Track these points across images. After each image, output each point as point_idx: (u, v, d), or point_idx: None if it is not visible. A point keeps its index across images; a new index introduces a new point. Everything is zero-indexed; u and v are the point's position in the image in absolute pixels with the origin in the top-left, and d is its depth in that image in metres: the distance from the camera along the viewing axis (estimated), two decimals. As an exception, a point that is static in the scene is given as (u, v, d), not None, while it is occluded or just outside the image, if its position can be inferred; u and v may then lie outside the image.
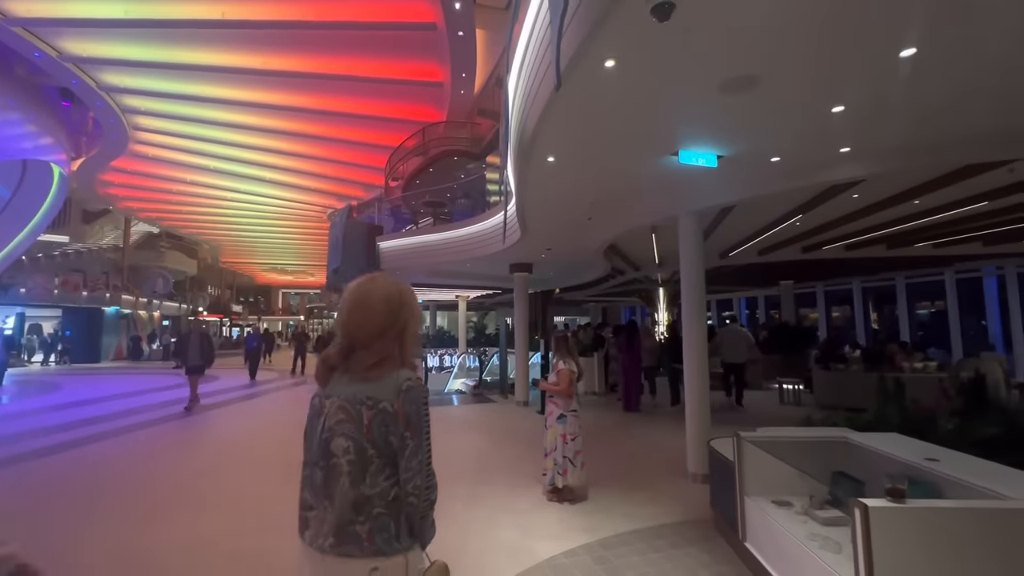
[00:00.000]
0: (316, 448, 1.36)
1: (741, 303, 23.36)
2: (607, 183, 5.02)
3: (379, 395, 1.33)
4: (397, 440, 1.31)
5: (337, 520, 1.28)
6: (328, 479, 1.31)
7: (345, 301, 1.42)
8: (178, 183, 20.37)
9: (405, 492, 1.30)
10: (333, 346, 1.42)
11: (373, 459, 1.29)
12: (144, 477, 5.31)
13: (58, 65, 11.11)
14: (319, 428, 1.36)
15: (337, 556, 1.27)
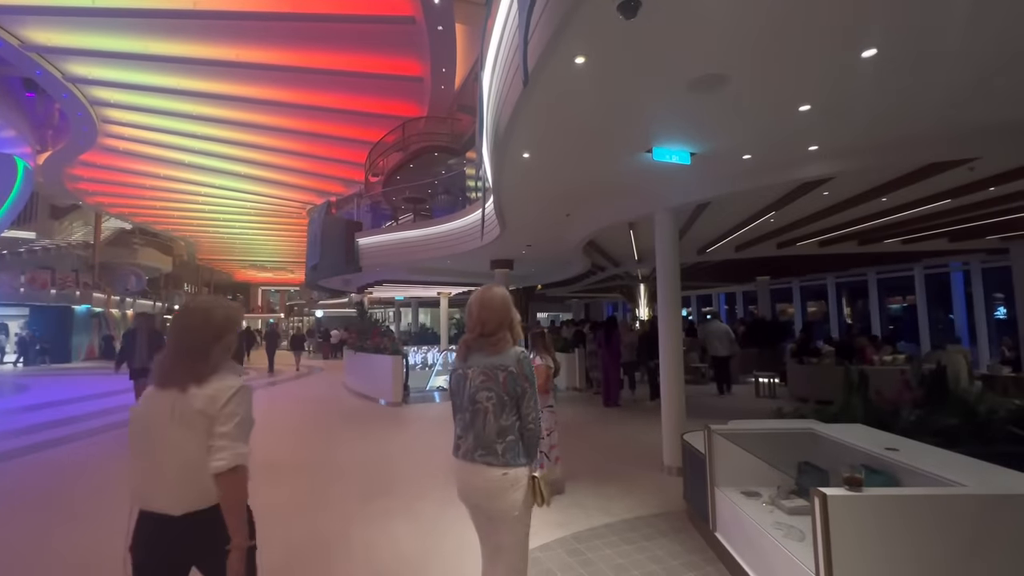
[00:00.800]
0: (465, 399, 2.07)
1: (720, 298, 23.73)
2: (583, 179, 5.04)
3: (506, 363, 2.02)
4: (520, 390, 2.01)
5: (484, 442, 2.00)
6: (474, 418, 2.03)
7: (474, 304, 2.11)
8: (151, 178, 19.83)
9: (527, 422, 2.03)
10: (468, 333, 2.11)
11: (506, 403, 2.00)
12: (121, 480, 5.18)
13: (20, 54, 10.69)
14: (466, 387, 2.06)
15: (483, 464, 1.99)
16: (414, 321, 21.27)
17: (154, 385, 1.69)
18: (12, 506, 4.38)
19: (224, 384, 1.65)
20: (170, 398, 1.62)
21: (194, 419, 1.59)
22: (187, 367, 1.66)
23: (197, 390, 1.62)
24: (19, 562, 3.31)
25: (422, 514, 4.12)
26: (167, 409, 1.61)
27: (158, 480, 1.61)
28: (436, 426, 7.90)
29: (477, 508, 2.09)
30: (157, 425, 1.62)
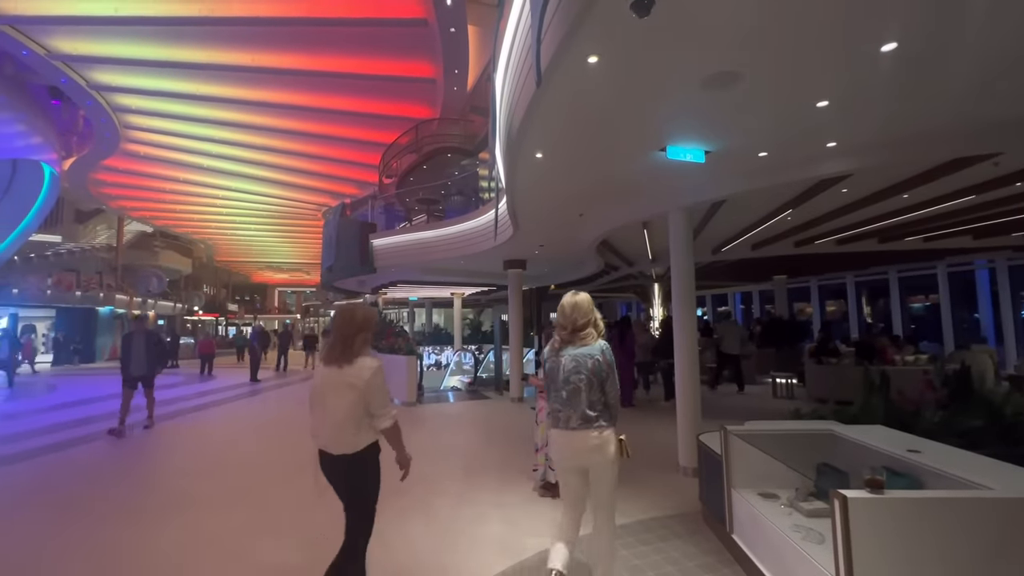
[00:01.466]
0: (560, 380, 2.64)
1: (736, 298, 23.44)
2: (597, 179, 5.03)
3: (592, 353, 2.61)
4: (604, 374, 2.60)
5: (580, 413, 2.58)
6: (570, 395, 2.60)
7: (567, 306, 2.69)
8: (171, 182, 20.25)
9: (609, 397, 2.62)
10: (561, 331, 2.70)
11: (594, 383, 2.59)
12: (142, 476, 5.31)
13: (46, 63, 11.01)
14: (560, 371, 2.64)
15: (580, 430, 2.57)
16: (428, 321, 21.39)
17: (323, 362, 2.45)
18: (41, 502, 4.51)
19: (364, 364, 2.37)
20: (332, 372, 2.37)
21: (345, 389, 2.33)
22: (340, 352, 2.37)
23: (348, 368, 2.34)
24: (46, 558, 3.41)
25: (439, 512, 4.15)
26: (330, 380, 2.38)
27: (322, 429, 2.42)
28: (450, 425, 7.93)
29: (577, 466, 2.65)
30: (323, 391, 2.39)
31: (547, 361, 2.74)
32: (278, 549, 3.48)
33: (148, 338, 7.28)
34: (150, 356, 7.25)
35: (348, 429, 2.34)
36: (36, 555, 3.41)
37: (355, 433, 2.36)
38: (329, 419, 2.37)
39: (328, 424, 2.38)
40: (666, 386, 9.08)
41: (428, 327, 20.32)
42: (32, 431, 7.54)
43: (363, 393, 2.32)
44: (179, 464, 5.82)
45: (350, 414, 2.33)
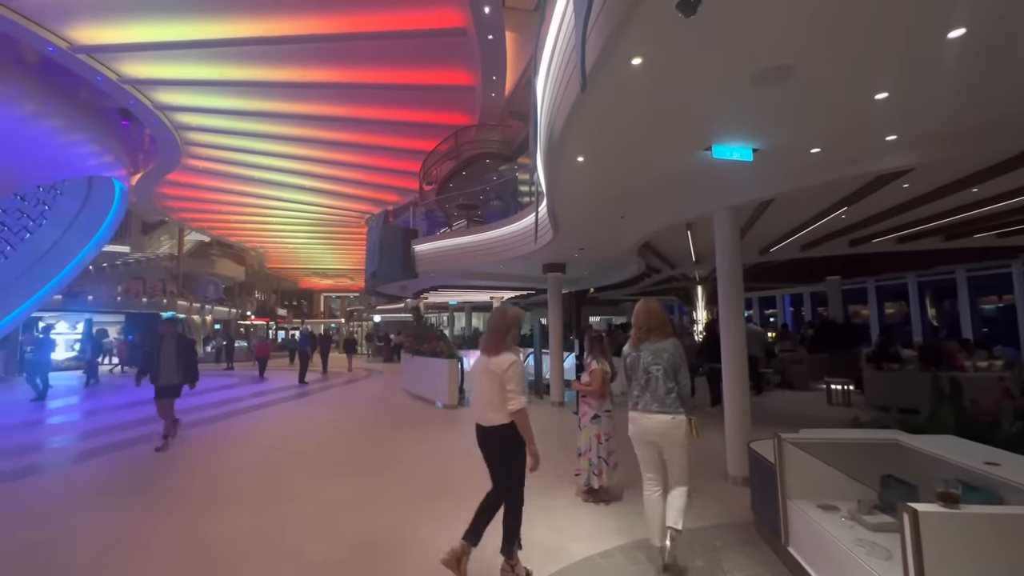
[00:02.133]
0: (640, 371, 3.18)
1: (784, 300, 22.48)
2: (639, 181, 4.96)
3: (667, 348, 3.14)
4: (677, 365, 3.11)
5: (657, 398, 3.09)
6: (648, 383, 3.12)
7: (642, 311, 3.28)
8: (226, 194, 21.41)
9: (682, 385, 3.09)
10: (636, 330, 3.28)
11: (670, 374, 3.09)
12: (202, 472, 5.62)
13: (117, 87, 11.90)
14: (639, 363, 3.18)
15: (658, 413, 3.08)
16: (467, 325, 21.63)
17: (480, 352, 3.03)
18: (114, 492, 4.86)
19: (507, 357, 2.90)
20: (484, 361, 2.96)
21: (492, 376, 2.89)
22: (493, 344, 2.95)
23: (494, 358, 2.91)
24: (129, 545, 3.67)
25: (481, 515, 4.18)
26: (481, 367, 2.99)
27: (476, 406, 3.03)
28: (491, 429, 7.99)
29: (652, 444, 3.17)
30: (478, 375, 3.02)
31: (627, 356, 3.29)
32: (327, 545, 3.61)
33: (180, 344, 6.42)
34: (181, 363, 6.37)
35: (491, 407, 2.90)
36: (113, 540, 3.67)
37: (497, 411, 2.88)
38: (479, 399, 2.98)
39: (478, 402, 3.00)
40: (712, 391, 8.80)
41: (468, 331, 20.54)
42: (110, 427, 8.13)
43: (502, 379, 2.84)
44: (236, 461, 6.13)
45: (492, 395, 2.88)
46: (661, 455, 3.16)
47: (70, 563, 3.37)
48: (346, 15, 9.76)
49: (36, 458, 6.43)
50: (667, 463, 3.15)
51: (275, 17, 9.77)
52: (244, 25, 9.93)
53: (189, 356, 6.51)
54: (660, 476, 3.22)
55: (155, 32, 10.10)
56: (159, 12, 9.51)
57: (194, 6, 9.40)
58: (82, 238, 16.46)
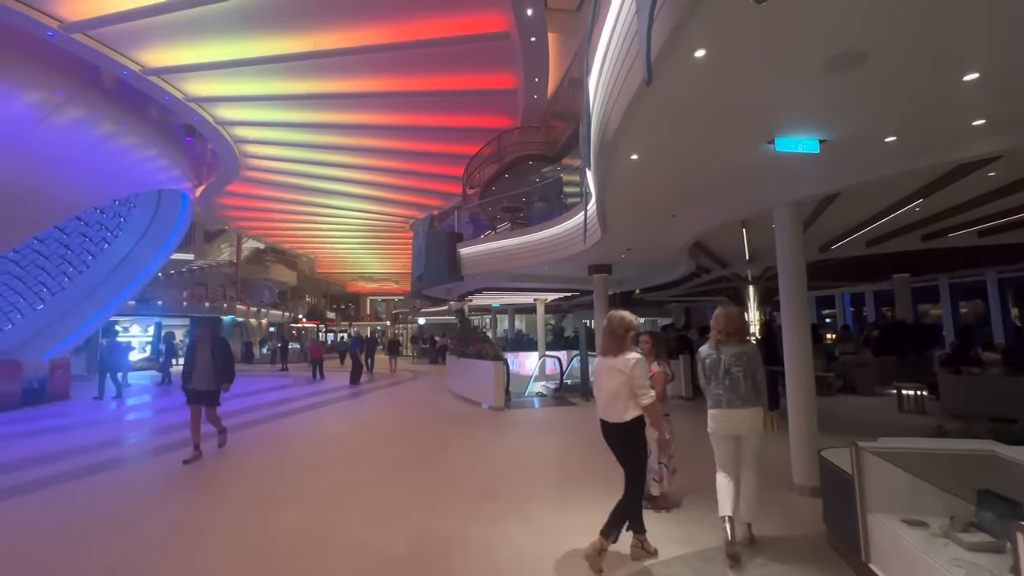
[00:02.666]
0: (722, 371, 3.45)
1: (844, 299, 21.27)
2: (694, 178, 4.80)
3: (747, 350, 3.47)
4: (755, 365, 3.45)
5: (740, 395, 3.40)
6: (732, 382, 3.42)
7: (721, 316, 3.61)
8: (280, 202, 22.43)
9: (759, 384, 3.45)
10: (715, 334, 3.59)
11: (749, 373, 3.41)
12: (268, 468, 5.88)
13: (183, 105, 12.70)
14: (720, 365, 3.46)
15: (739, 409, 3.40)
16: (510, 327, 21.67)
17: (600, 354, 3.35)
18: (185, 488, 5.15)
19: (630, 356, 3.18)
20: (607, 361, 3.23)
21: (615, 374, 3.17)
22: (614, 346, 3.23)
23: (618, 358, 3.18)
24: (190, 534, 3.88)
25: (535, 516, 4.16)
26: (605, 367, 3.24)
27: (601, 402, 3.26)
28: (540, 431, 7.95)
29: (734, 438, 3.47)
30: (601, 374, 3.26)
31: (707, 357, 3.57)
32: (388, 542, 3.67)
33: (215, 347, 6.09)
34: (218, 368, 6.03)
35: (618, 404, 3.15)
36: (185, 532, 3.89)
37: (623, 407, 3.13)
38: (604, 396, 3.21)
39: (603, 400, 3.23)
40: (769, 395, 8.40)
41: (511, 333, 20.57)
42: (182, 423, 8.66)
43: (628, 377, 3.10)
44: (297, 458, 6.37)
45: (618, 392, 3.13)
46: (739, 449, 3.48)
47: (144, 552, 3.59)
48: (393, 25, 10.01)
49: (111, 453, 6.92)
50: (743, 452, 3.48)
51: (326, 31, 10.15)
52: (297, 41, 10.37)
53: (226, 358, 6.19)
54: (735, 473, 3.51)
55: (217, 51, 10.71)
56: (221, 32, 10.07)
57: (252, 25, 9.89)
58: (153, 247, 17.64)
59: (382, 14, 9.78)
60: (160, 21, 9.34)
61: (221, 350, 6.16)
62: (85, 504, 4.65)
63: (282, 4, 9.14)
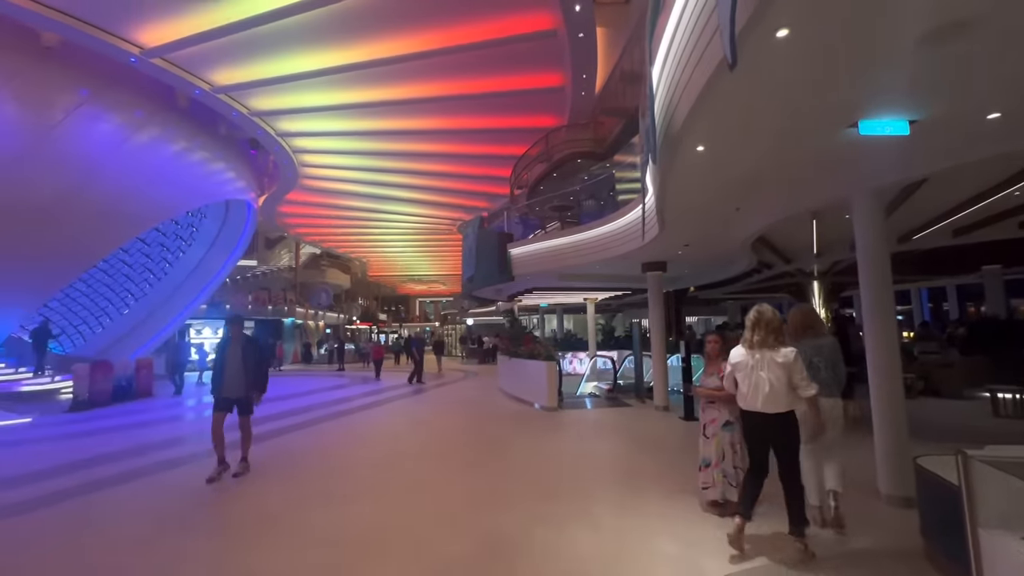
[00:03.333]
0: (803, 362, 3.37)
1: (922, 295, 19.71)
2: (763, 168, 4.55)
3: (827, 344, 3.88)
4: (835, 358, 3.83)
5: (825, 385, 3.65)
6: (813, 374, 3.47)
7: (798, 314, 4.08)
8: (334, 209, 23.38)
9: (839, 374, 3.81)
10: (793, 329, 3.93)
11: (829, 364, 3.80)
12: (334, 465, 6.10)
13: (248, 120, 13.47)
14: (803, 355, 3.42)
15: (824, 398, 3.56)
16: (559, 327, 21.54)
17: (753, 348, 3.37)
18: (257, 481, 5.42)
19: (787, 350, 3.30)
20: (763, 354, 3.31)
21: (776, 367, 3.26)
22: (769, 339, 3.33)
23: (777, 352, 3.29)
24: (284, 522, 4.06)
25: (600, 519, 4.08)
26: (762, 361, 3.31)
27: (756, 395, 3.31)
28: (595, 432, 7.82)
29: None
30: (753, 367, 3.33)
31: None
32: (454, 541, 3.70)
33: (247, 348, 5.37)
34: (248, 373, 5.30)
35: (779, 395, 3.24)
36: (259, 522, 4.08)
37: (784, 398, 3.24)
38: (764, 388, 3.26)
39: (761, 392, 3.27)
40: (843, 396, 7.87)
41: (560, 333, 20.44)
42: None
43: (788, 370, 3.23)
44: (360, 455, 6.58)
45: (780, 384, 3.23)
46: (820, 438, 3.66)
47: (221, 542, 3.79)
48: (441, 31, 10.17)
49: (191, 448, 7.39)
50: (823, 440, 3.67)
51: (378, 41, 10.46)
52: (352, 52, 10.75)
53: (257, 362, 5.42)
54: (815, 460, 3.76)
55: (278, 67, 11.28)
56: (281, 48, 10.59)
57: (310, 40, 10.33)
58: (222, 255, 18.87)
59: (430, 21, 9.96)
60: (227, 42, 9.93)
61: (253, 353, 5.37)
62: (171, 494, 4.98)
63: (337, 18, 9.48)
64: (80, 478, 5.49)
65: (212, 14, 9.33)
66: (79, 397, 10.93)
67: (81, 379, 11.07)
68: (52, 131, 10.66)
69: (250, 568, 3.33)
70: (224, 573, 3.29)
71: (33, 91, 10.27)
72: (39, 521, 4.28)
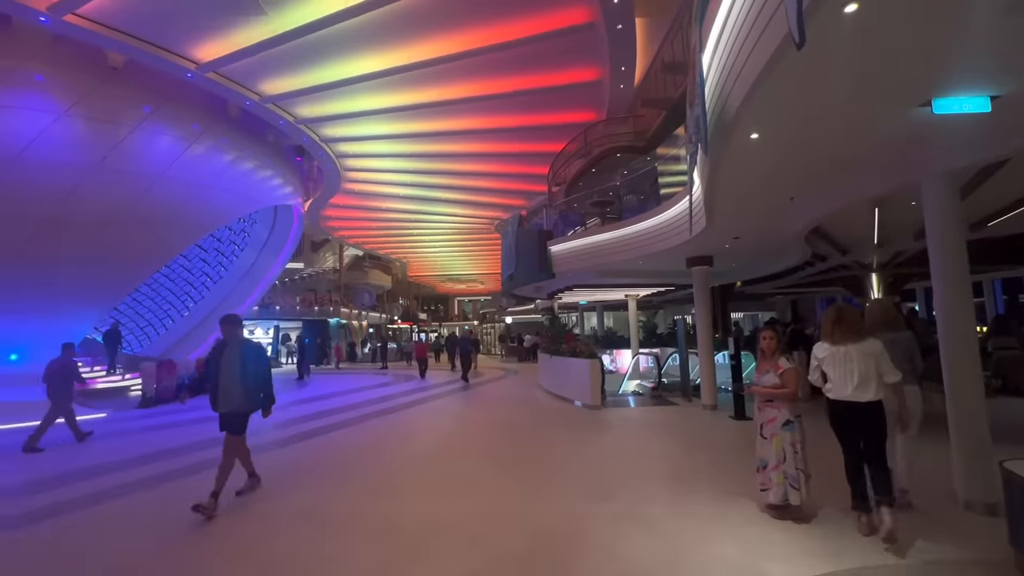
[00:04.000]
0: None
1: (995, 286, 18.23)
2: (822, 155, 4.32)
3: (905, 337, 4.09)
4: (912, 349, 4.08)
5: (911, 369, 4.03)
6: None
7: (878, 309, 4.40)
8: (376, 211, 23.96)
9: (916, 365, 4.07)
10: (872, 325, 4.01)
11: (907, 356, 3.99)
12: (386, 462, 6.26)
13: (294, 127, 13.99)
14: None
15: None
16: (599, 324, 21.28)
17: (838, 342, 3.59)
18: (316, 475, 5.61)
19: (873, 342, 3.55)
20: (852, 347, 3.53)
21: (865, 358, 3.49)
22: (855, 333, 3.56)
23: (864, 343, 3.52)
24: (332, 518, 4.19)
25: (654, 520, 3.98)
26: (852, 352, 3.53)
27: (846, 385, 3.52)
28: (641, 431, 7.66)
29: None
30: (844, 360, 3.54)
31: None
32: (507, 537, 3.70)
33: (247, 353, 4.43)
34: (248, 382, 4.39)
35: (870, 384, 3.46)
36: (321, 515, 4.22)
37: (874, 387, 3.46)
38: (855, 378, 3.48)
39: (851, 382, 3.49)
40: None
41: (600, 330, 20.19)
42: (319, 412, 9.53)
43: (876, 360, 3.47)
44: (411, 451, 6.71)
45: (870, 374, 3.46)
46: None
47: (287, 526, 3.94)
48: (478, 30, 10.22)
49: (252, 441, 7.73)
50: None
51: (418, 44, 10.62)
52: (391, 56, 10.96)
53: (257, 370, 4.43)
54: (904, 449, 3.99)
55: (321, 75, 11.64)
56: (325, 57, 10.92)
57: (352, 47, 10.60)
58: (271, 258, 19.69)
59: (467, 21, 10.01)
60: (275, 52, 10.32)
61: (252, 359, 4.42)
62: (232, 487, 5.23)
63: (377, 24, 9.68)
64: (154, 469, 5.87)
65: (261, 27, 9.73)
66: (147, 394, 11.67)
67: (149, 377, 11.82)
68: (119, 146, 11.41)
69: (311, 556, 3.45)
70: (299, 558, 3.42)
71: (102, 109, 11.02)
72: (128, 505, 4.60)
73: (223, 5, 9.06)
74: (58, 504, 4.72)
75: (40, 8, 8.56)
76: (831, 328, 3.63)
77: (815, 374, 3.72)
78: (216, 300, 18.75)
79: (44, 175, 10.48)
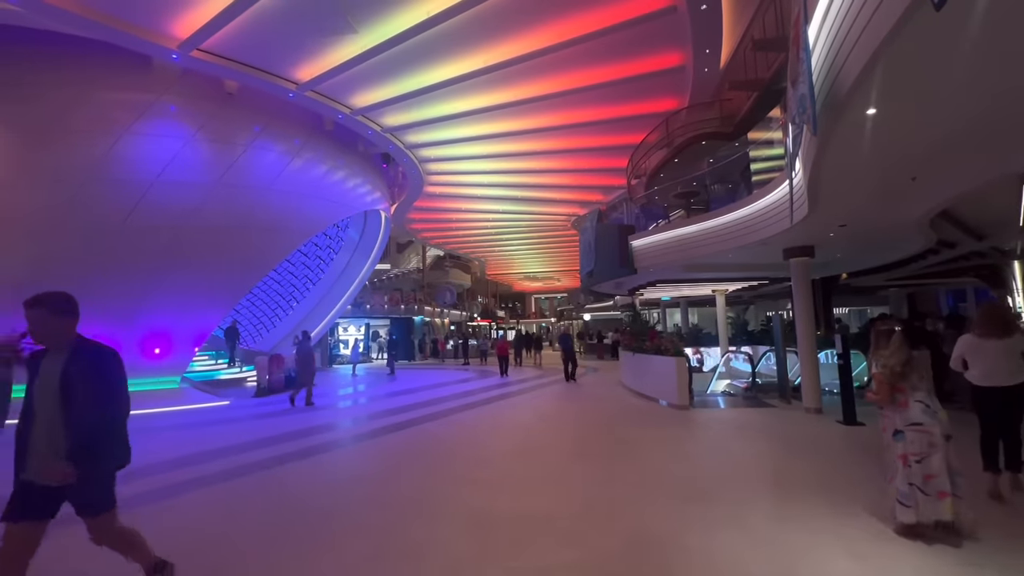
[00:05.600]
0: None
1: None
2: (954, 126, 3.81)
3: None
4: None
5: None
6: None
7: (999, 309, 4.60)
8: (455, 212, 24.77)
9: None
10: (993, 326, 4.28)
11: None
12: (474, 455, 6.47)
13: (381, 136, 14.85)
14: None
15: None
16: (683, 321, 20.37)
17: (986, 335, 4.14)
18: (410, 463, 5.93)
19: (1019, 335, 4.08)
20: (1004, 342, 4.07)
21: (1013, 348, 4.05)
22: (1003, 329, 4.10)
23: (1010, 338, 4.06)
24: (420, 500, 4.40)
25: (755, 526, 3.76)
26: (993, 347, 4.11)
27: (996, 374, 4.10)
28: (734, 434, 7.24)
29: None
30: (991, 351, 4.12)
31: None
32: (601, 536, 3.67)
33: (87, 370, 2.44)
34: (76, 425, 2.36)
35: (1015, 370, 4.01)
36: (414, 500, 4.45)
37: (1019, 371, 4.02)
38: (1008, 367, 4.04)
39: (1007, 371, 4.05)
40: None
41: (684, 327, 19.33)
42: (408, 406, 10.12)
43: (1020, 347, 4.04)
44: (497, 445, 6.88)
45: (1014, 360, 4.03)
46: None
47: (386, 512, 4.19)
48: (556, 24, 10.17)
49: (354, 430, 8.33)
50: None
51: (495, 46, 10.81)
52: (473, 59, 11.24)
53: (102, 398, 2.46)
54: None
55: (405, 85, 12.24)
56: (407, 67, 11.47)
57: (432, 55, 11.03)
58: (362, 260, 21.06)
59: (544, 17, 10.00)
60: (364, 67, 11.02)
61: (95, 380, 2.47)
62: (340, 471, 5.68)
63: (456, 31, 9.98)
64: (273, 451, 6.53)
65: (351, 46, 10.43)
66: (261, 384, 12.99)
67: (262, 369, 13.15)
68: (234, 164, 12.79)
69: (414, 539, 3.66)
70: (392, 542, 3.65)
71: (221, 131, 12.42)
72: (253, 483, 5.19)
73: (319, 28, 9.82)
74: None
75: (172, 47, 9.84)
76: (988, 322, 4.18)
77: (956, 362, 4.31)
78: (316, 298, 20.45)
79: (177, 193, 12.01)
